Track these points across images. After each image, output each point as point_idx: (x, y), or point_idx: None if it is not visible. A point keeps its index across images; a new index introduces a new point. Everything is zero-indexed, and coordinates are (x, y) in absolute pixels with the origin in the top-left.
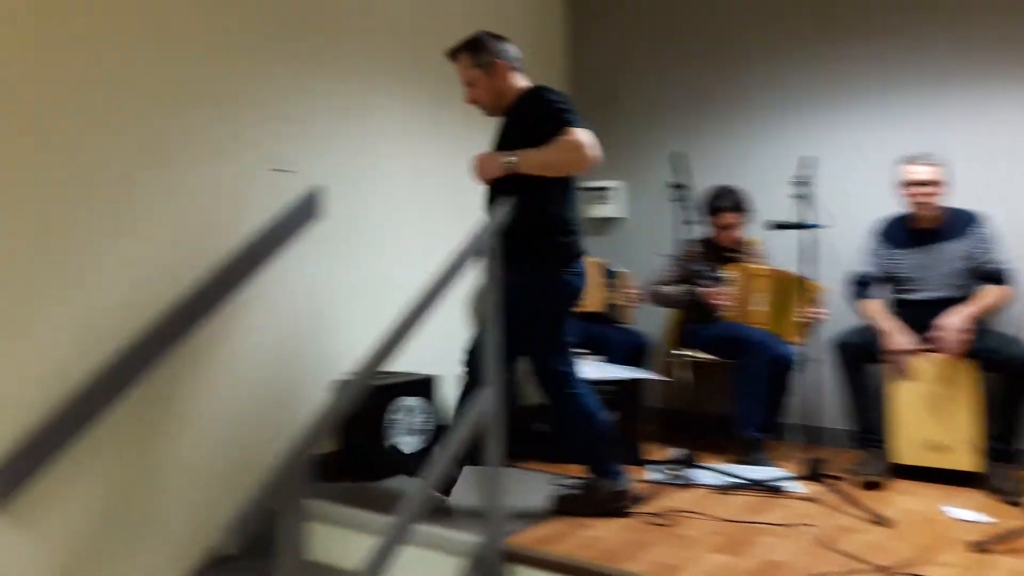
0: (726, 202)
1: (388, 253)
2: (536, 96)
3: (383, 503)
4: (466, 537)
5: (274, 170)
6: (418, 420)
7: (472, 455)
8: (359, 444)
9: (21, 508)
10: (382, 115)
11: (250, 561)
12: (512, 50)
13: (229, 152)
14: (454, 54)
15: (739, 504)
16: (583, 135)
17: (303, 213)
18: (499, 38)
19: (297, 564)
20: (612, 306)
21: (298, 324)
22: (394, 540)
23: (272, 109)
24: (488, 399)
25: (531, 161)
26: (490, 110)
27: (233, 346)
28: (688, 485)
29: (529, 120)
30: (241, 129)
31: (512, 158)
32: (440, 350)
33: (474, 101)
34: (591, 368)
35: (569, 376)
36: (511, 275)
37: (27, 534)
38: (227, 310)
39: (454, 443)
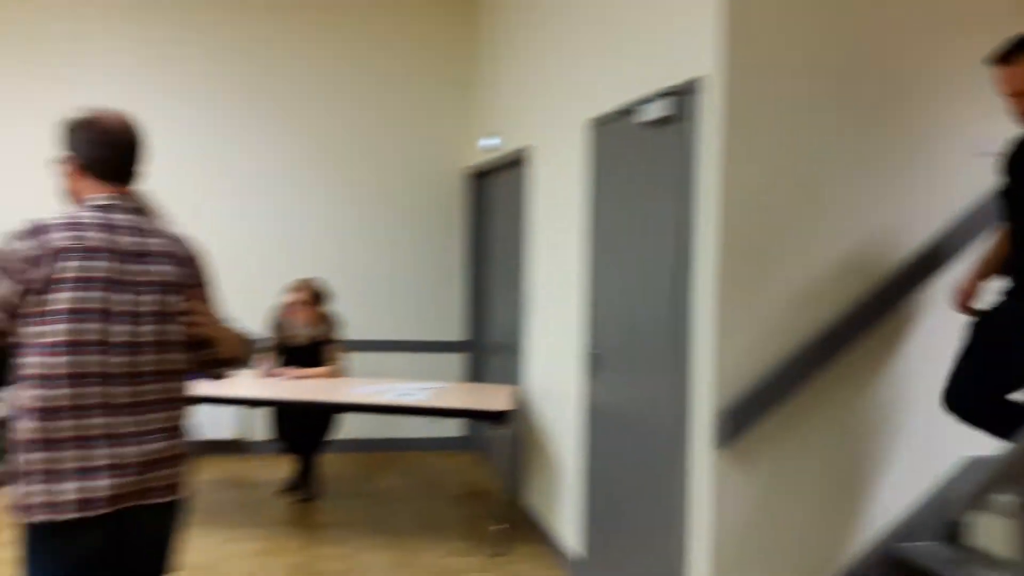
0: None
1: None
2: None
3: None
4: None
5: (981, 154)
6: None
7: None
8: None
9: (742, 447)
10: None
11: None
12: None
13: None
14: (1008, 56)
15: None
16: None
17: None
18: None
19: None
20: None
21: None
22: None
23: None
24: None
25: None
26: None
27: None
28: None
29: None
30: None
31: None
32: None
33: None
34: None
35: None
36: None
37: (743, 471)
38: (909, 305)
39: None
